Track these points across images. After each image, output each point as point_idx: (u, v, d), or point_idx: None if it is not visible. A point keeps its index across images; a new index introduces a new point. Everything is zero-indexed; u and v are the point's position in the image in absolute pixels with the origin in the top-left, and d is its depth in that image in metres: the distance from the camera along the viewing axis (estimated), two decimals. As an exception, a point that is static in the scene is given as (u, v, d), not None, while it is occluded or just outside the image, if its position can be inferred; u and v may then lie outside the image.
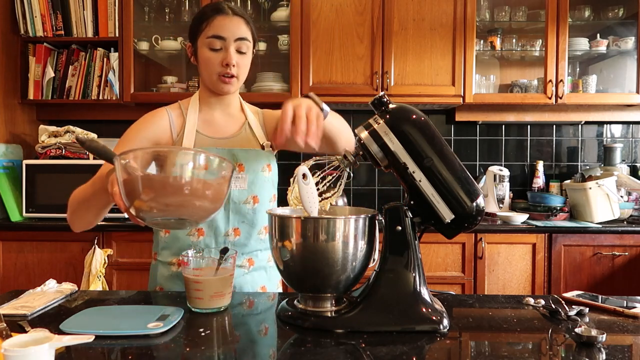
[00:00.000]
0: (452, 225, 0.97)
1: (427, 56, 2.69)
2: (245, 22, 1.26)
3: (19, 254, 2.47)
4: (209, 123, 1.33)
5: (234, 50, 1.25)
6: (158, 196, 0.85)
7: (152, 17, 2.91)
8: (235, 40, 1.24)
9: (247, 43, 1.26)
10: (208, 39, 1.24)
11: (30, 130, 2.90)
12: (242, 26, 1.25)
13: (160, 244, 1.31)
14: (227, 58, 1.24)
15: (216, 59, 1.24)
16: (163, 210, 0.86)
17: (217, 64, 1.24)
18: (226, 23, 1.23)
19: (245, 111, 1.39)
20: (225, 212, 1.27)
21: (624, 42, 2.75)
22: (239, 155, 1.29)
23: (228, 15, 1.24)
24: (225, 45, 1.24)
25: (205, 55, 1.25)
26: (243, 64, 1.27)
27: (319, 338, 0.89)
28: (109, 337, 0.87)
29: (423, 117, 0.99)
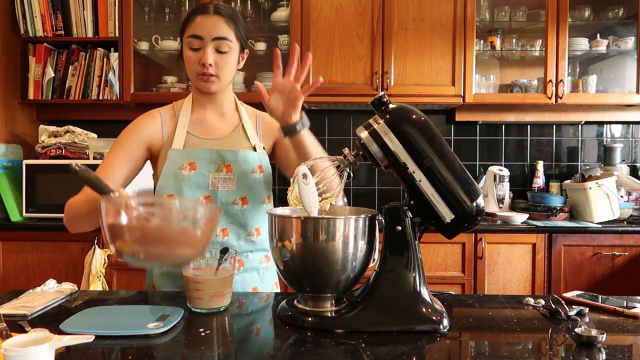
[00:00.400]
0: (452, 225, 0.97)
1: (427, 56, 2.69)
2: (225, 21, 1.25)
3: (19, 254, 2.47)
4: (201, 123, 1.34)
5: (212, 49, 1.24)
6: (140, 243, 0.85)
7: (152, 17, 2.91)
8: (212, 39, 1.24)
9: (227, 42, 1.25)
10: (188, 38, 1.25)
11: (30, 130, 2.90)
12: (221, 25, 1.24)
13: None
14: (203, 58, 1.24)
15: (195, 58, 1.25)
16: (144, 255, 0.86)
17: (195, 63, 1.26)
18: (204, 22, 1.24)
19: (240, 111, 1.39)
20: None
21: (624, 42, 2.75)
22: (226, 156, 1.29)
23: (208, 14, 1.24)
24: (203, 45, 1.24)
25: (186, 54, 1.27)
26: (223, 63, 1.26)
27: (319, 338, 0.89)
28: (109, 337, 0.87)
29: (423, 117, 0.99)
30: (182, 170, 1.26)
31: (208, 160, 1.28)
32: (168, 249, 0.86)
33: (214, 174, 1.27)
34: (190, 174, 1.26)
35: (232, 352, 0.85)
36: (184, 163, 1.26)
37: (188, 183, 1.25)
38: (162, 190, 1.27)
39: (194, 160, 1.26)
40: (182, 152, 1.27)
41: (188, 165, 1.26)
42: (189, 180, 1.25)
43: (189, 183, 1.25)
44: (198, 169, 1.26)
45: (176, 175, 1.26)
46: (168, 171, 1.26)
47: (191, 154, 1.27)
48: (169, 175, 1.26)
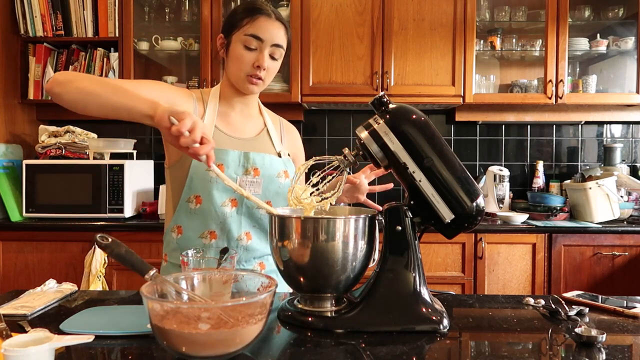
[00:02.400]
0: (452, 225, 0.97)
1: (427, 56, 2.69)
2: (285, 29, 1.26)
3: (19, 254, 2.47)
4: (227, 120, 1.32)
5: (268, 54, 1.24)
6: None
7: (152, 17, 2.91)
8: (271, 45, 1.24)
9: (281, 50, 1.26)
10: (245, 36, 1.22)
11: (30, 130, 2.90)
12: (281, 33, 1.25)
13: (172, 245, 1.30)
14: (260, 60, 1.23)
15: (249, 58, 1.23)
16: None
17: (248, 63, 1.23)
18: (267, 25, 1.23)
19: (263, 115, 1.39)
20: (238, 216, 1.27)
21: (624, 42, 2.75)
22: (255, 159, 1.28)
23: (271, 18, 1.24)
24: (261, 47, 1.23)
25: (239, 52, 1.24)
26: (273, 69, 1.27)
27: (319, 338, 0.89)
28: (109, 337, 0.87)
29: (423, 117, 0.99)
30: (210, 171, 1.24)
31: (236, 163, 1.26)
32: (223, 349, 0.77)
33: (242, 177, 1.26)
34: None
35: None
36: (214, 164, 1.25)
37: (216, 185, 1.23)
38: (190, 191, 1.24)
39: (222, 163, 1.24)
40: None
41: (217, 166, 1.25)
42: (217, 183, 1.23)
43: (217, 185, 1.23)
44: (226, 171, 1.24)
45: (204, 177, 1.23)
46: (195, 172, 1.23)
47: (220, 155, 1.24)
48: (197, 177, 1.23)
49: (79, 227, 2.45)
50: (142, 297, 0.75)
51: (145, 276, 0.84)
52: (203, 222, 1.25)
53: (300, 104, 2.74)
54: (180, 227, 1.27)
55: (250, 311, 0.76)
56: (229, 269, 1.05)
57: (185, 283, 0.88)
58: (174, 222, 1.28)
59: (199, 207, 1.24)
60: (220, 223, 1.25)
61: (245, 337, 0.76)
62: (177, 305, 0.78)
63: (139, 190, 2.73)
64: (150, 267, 0.84)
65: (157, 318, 0.75)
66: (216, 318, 0.77)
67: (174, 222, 1.28)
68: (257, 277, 0.89)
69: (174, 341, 0.74)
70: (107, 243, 0.84)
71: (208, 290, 0.90)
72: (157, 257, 2.43)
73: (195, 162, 1.22)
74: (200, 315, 0.77)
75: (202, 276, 0.91)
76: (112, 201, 2.53)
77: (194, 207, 1.25)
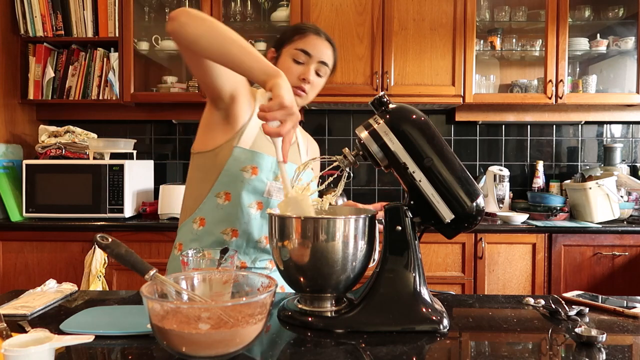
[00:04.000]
0: (452, 225, 0.97)
1: (427, 56, 2.69)
2: (332, 50, 1.34)
3: (19, 254, 2.47)
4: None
5: (314, 69, 1.31)
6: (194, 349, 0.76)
7: (152, 17, 2.91)
8: (318, 61, 1.30)
9: (326, 69, 1.33)
10: (295, 50, 1.29)
11: (30, 130, 2.90)
12: (328, 51, 1.33)
13: (190, 235, 1.30)
14: (305, 73, 1.29)
15: (296, 70, 1.29)
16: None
17: (294, 75, 1.29)
18: (317, 43, 1.31)
19: (296, 132, 1.43)
20: (261, 219, 1.28)
21: (624, 42, 2.75)
22: (286, 167, 1.29)
23: (320, 37, 1.32)
24: (308, 62, 1.30)
25: (287, 64, 1.30)
26: (317, 85, 1.33)
27: (319, 338, 0.89)
28: (109, 337, 0.87)
29: (423, 117, 0.99)
30: (244, 172, 1.25)
31: (269, 168, 1.28)
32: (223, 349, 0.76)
33: (272, 183, 1.28)
34: (251, 177, 1.25)
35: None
36: (247, 166, 1.25)
37: (247, 187, 1.25)
38: (221, 187, 1.25)
39: (257, 165, 1.26)
40: (248, 153, 1.25)
41: (251, 168, 1.25)
42: (249, 184, 1.25)
43: (247, 187, 1.25)
44: (259, 174, 1.26)
45: (237, 176, 1.24)
46: (231, 170, 1.24)
47: (256, 158, 1.26)
48: (231, 174, 1.25)
49: (79, 227, 2.45)
50: (142, 297, 0.75)
51: (145, 276, 0.84)
52: (227, 219, 1.27)
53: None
54: (203, 220, 1.28)
55: (250, 311, 0.76)
56: (229, 269, 1.05)
57: (185, 283, 0.88)
58: (198, 214, 1.29)
59: (227, 204, 1.26)
60: (244, 223, 1.26)
61: (245, 337, 0.76)
62: (177, 305, 0.78)
63: (139, 190, 2.73)
64: (150, 267, 0.84)
65: (157, 318, 0.75)
66: (216, 318, 0.77)
67: (197, 213, 1.29)
68: (257, 277, 0.89)
69: (174, 341, 0.74)
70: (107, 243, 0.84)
71: (208, 290, 0.90)
72: (157, 257, 2.45)
73: (232, 158, 1.24)
74: (200, 315, 0.77)
75: (202, 276, 0.91)
76: (112, 201, 2.53)
77: (222, 203, 1.26)
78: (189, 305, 0.82)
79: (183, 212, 1.35)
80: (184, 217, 1.33)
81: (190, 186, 1.34)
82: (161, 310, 0.75)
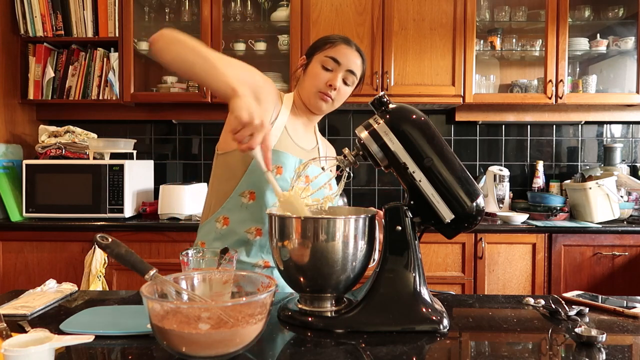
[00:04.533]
0: (452, 225, 0.97)
1: (427, 56, 2.69)
2: (361, 60, 1.35)
3: (19, 254, 2.47)
4: (294, 127, 1.37)
5: (342, 77, 1.32)
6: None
7: (152, 17, 2.91)
8: (346, 69, 1.32)
9: (354, 78, 1.34)
10: (325, 57, 1.31)
11: (30, 130, 2.90)
12: (357, 61, 1.34)
13: (213, 234, 1.31)
14: (333, 80, 1.31)
15: (324, 77, 1.31)
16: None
17: (322, 81, 1.31)
18: (346, 52, 1.32)
19: (317, 134, 1.46)
20: None
21: (624, 42, 2.75)
22: (309, 169, 1.31)
23: (351, 47, 1.34)
24: (337, 69, 1.31)
25: (315, 70, 1.32)
26: (343, 92, 1.35)
27: (319, 338, 0.89)
28: (109, 337, 0.87)
29: (423, 117, 0.99)
30: (269, 171, 1.26)
31: (293, 168, 1.30)
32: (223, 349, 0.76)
33: (296, 182, 1.29)
34: (275, 177, 1.26)
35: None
36: (273, 165, 1.25)
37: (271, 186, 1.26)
38: (246, 186, 1.27)
39: (281, 165, 1.28)
40: (274, 153, 1.26)
41: (276, 168, 1.27)
42: None
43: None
44: (283, 173, 1.28)
45: (262, 176, 1.24)
46: (255, 169, 1.26)
47: (281, 157, 1.28)
48: (254, 174, 1.26)
49: (79, 227, 2.45)
50: (142, 297, 0.75)
51: (145, 276, 0.84)
52: (252, 218, 1.28)
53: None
54: (227, 219, 1.29)
55: (250, 311, 0.77)
56: (229, 269, 1.05)
57: (185, 283, 0.88)
58: (221, 213, 1.30)
59: (251, 203, 1.27)
60: (267, 222, 1.26)
61: (245, 337, 0.76)
62: (177, 305, 0.78)
63: (139, 190, 2.73)
64: (150, 267, 0.85)
65: (157, 318, 0.75)
66: (216, 318, 0.77)
67: (221, 212, 1.30)
68: (257, 277, 0.89)
69: (174, 341, 0.74)
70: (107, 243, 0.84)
71: (208, 290, 0.90)
72: (157, 257, 2.45)
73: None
74: (200, 315, 0.77)
75: (202, 276, 0.91)
76: (112, 201, 2.53)
77: (246, 202, 1.28)
78: (189, 305, 0.82)
79: (205, 211, 1.36)
80: (206, 216, 1.34)
81: (213, 185, 1.35)
82: (161, 310, 0.75)
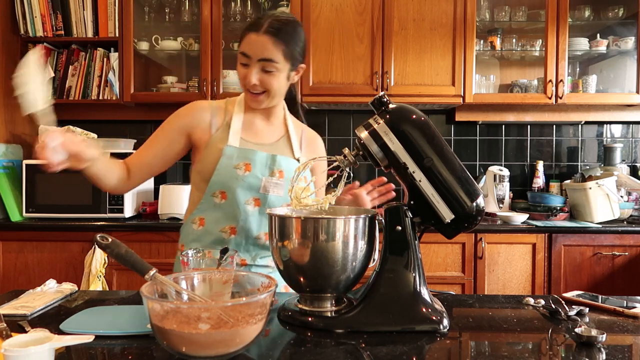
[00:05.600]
0: (452, 225, 0.97)
1: (427, 56, 2.69)
2: (274, 42, 1.21)
3: (19, 254, 2.47)
4: (252, 128, 1.35)
5: (258, 69, 1.23)
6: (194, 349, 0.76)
7: (152, 17, 2.91)
8: (258, 60, 1.22)
9: (273, 64, 1.22)
10: (239, 54, 1.26)
11: (30, 130, 2.90)
12: (268, 46, 1.20)
13: (191, 235, 1.32)
14: (247, 76, 1.24)
15: (242, 74, 1.26)
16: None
17: (242, 79, 1.27)
18: (253, 42, 1.21)
19: (287, 123, 1.42)
20: (259, 216, 1.29)
21: (624, 42, 2.75)
22: (280, 161, 1.31)
23: (258, 33, 1.21)
24: (251, 63, 1.23)
25: (238, 67, 1.28)
26: (269, 82, 1.24)
27: (319, 338, 0.89)
28: (109, 337, 0.87)
29: (423, 117, 0.99)
30: (237, 169, 1.27)
31: (263, 164, 1.29)
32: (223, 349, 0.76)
33: (267, 178, 1.29)
34: (245, 174, 1.27)
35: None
36: (240, 163, 1.27)
37: (242, 183, 1.27)
38: (215, 186, 1.27)
39: (249, 162, 1.28)
40: (240, 151, 1.28)
41: (244, 165, 1.27)
42: (243, 181, 1.27)
43: (242, 183, 1.27)
44: (253, 170, 1.28)
45: (231, 174, 1.26)
46: (223, 168, 1.26)
47: (248, 154, 1.28)
48: (224, 173, 1.26)
49: (79, 227, 2.45)
50: (142, 297, 0.75)
51: (145, 276, 0.84)
52: (225, 217, 1.28)
53: (300, 104, 2.74)
54: (202, 219, 1.30)
55: (250, 311, 0.77)
56: (229, 269, 1.05)
57: (185, 283, 0.88)
58: (197, 214, 1.31)
59: (224, 202, 1.28)
60: (241, 221, 1.28)
61: (245, 337, 0.76)
62: (177, 305, 0.78)
63: (139, 190, 2.73)
64: (150, 267, 0.85)
65: (157, 318, 0.75)
66: (216, 318, 0.77)
67: (196, 213, 1.31)
68: (257, 277, 0.89)
69: (174, 341, 0.74)
70: (107, 243, 0.84)
71: (208, 290, 0.90)
72: (157, 257, 2.45)
73: (225, 157, 1.26)
74: (200, 315, 0.77)
75: (202, 276, 0.91)
76: (112, 201, 2.53)
77: (219, 202, 1.28)
78: (189, 305, 0.82)
79: (185, 214, 1.38)
80: (185, 220, 1.37)
81: (191, 191, 1.37)
82: (161, 310, 0.75)
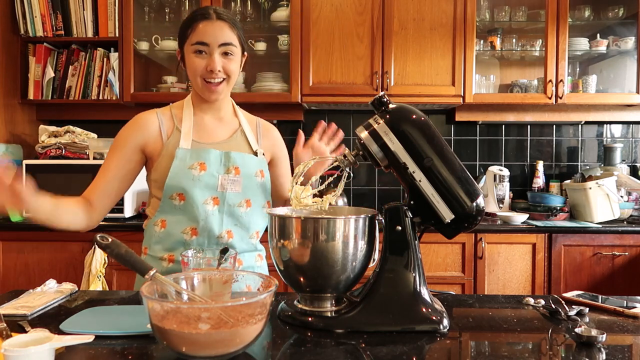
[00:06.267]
0: (452, 225, 0.97)
1: (427, 56, 2.69)
2: (230, 26, 1.26)
3: (19, 254, 2.47)
4: (200, 128, 1.34)
5: (219, 55, 1.25)
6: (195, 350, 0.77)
7: (152, 17, 2.91)
8: (219, 45, 1.25)
9: (232, 47, 1.26)
10: (193, 45, 1.25)
11: (30, 130, 2.90)
12: (226, 31, 1.25)
13: (154, 238, 1.31)
14: (211, 64, 1.24)
15: (201, 64, 1.26)
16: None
17: (201, 69, 1.26)
18: (208, 28, 1.24)
19: (238, 117, 1.41)
20: (219, 214, 1.28)
21: (624, 42, 2.75)
22: (235, 158, 1.30)
23: (211, 20, 1.24)
24: (210, 51, 1.25)
25: (191, 61, 1.27)
26: (230, 68, 1.27)
27: (319, 338, 0.89)
28: (109, 337, 0.87)
29: (423, 117, 0.99)
30: (192, 170, 1.26)
31: (217, 162, 1.28)
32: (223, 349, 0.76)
33: (223, 176, 1.28)
34: (200, 174, 1.26)
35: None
36: (194, 163, 1.26)
37: (198, 183, 1.26)
38: (171, 189, 1.26)
39: (204, 161, 1.27)
40: (192, 152, 1.27)
41: (198, 165, 1.26)
42: (199, 181, 1.26)
43: (198, 183, 1.26)
44: (208, 169, 1.27)
45: (186, 175, 1.26)
46: (178, 170, 1.26)
47: (201, 154, 1.27)
48: (178, 174, 1.26)
49: (79, 227, 2.45)
50: (142, 297, 0.75)
51: (145, 276, 0.84)
52: (186, 219, 1.27)
53: (300, 104, 2.74)
54: (164, 221, 1.29)
55: (250, 311, 0.77)
56: (229, 269, 1.05)
57: (185, 283, 0.88)
58: (159, 216, 1.29)
59: (183, 204, 1.27)
60: (202, 221, 1.27)
61: (245, 337, 0.76)
62: (177, 305, 0.78)
63: (139, 190, 2.72)
64: (150, 267, 0.85)
65: (157, 318, 0.75)
66: (216, 318, 0.77)
67: (158, 216, 1.29)
68: (257, 277, 0.89)
69: (174, 341, 0.74)
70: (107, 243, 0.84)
71: (208, 290, 0.90)
72: (157, 257, 2.45)
73: (178, 160, 1.26)
74: (200, 315, 0.77)
75: (202, 276, 0.91)
76: (112, 201, 2.52)
77: (178, 204, 1.27)
78: (189, 305, 0.82)
79: (147, 218, 1.37)
80: (147, 222, 1.35)
81: (150, 196, 1.37)
82: (161, 310, 0.76)
